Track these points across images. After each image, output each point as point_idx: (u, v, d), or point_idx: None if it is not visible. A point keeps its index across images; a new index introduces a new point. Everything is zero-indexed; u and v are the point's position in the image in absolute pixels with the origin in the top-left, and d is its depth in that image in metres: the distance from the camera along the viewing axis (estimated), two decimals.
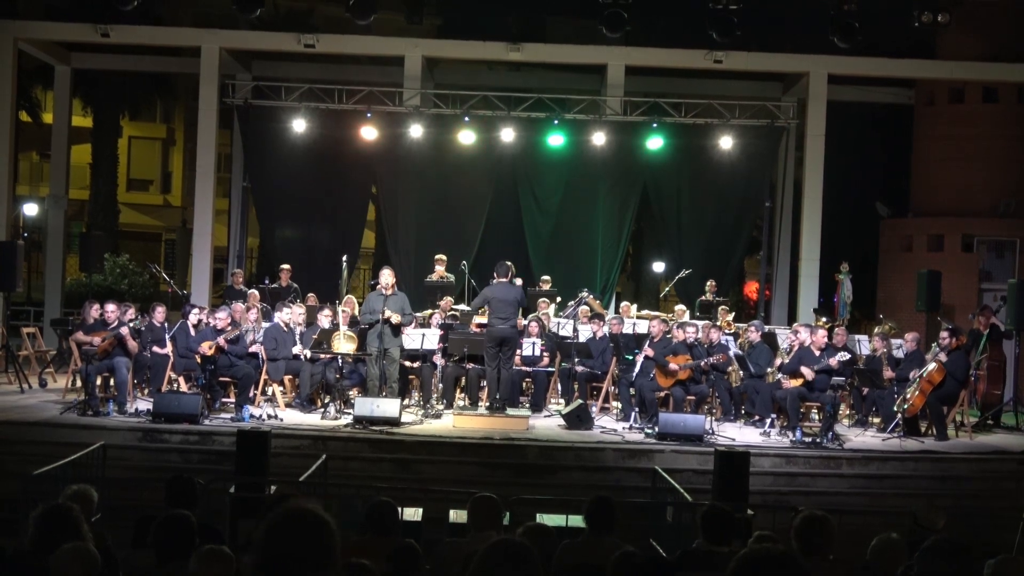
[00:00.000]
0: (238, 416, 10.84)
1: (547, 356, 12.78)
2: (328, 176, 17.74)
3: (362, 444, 10.25)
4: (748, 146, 17.39)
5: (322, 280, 16.33)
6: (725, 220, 17.88)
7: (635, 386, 11.85)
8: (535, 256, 17.69)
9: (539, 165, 17.78)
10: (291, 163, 17.56)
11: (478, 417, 11.13)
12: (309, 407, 11.72)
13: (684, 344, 11.79)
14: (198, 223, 17.64)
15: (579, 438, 10.75)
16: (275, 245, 18.31)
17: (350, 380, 11.93)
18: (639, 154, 17.56)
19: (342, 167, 17.64)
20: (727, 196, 17.81)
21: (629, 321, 13.72)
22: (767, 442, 10.83)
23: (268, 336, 12.00)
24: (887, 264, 19.25)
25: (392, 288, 11.48)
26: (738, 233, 18.13)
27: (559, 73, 19.59)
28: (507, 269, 11.56)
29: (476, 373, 11.95)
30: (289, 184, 17.85)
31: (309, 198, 17.89)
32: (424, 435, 10.50)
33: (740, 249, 18.52)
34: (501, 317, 11.14)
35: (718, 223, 17.85)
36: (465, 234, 17.75)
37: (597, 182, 17.82)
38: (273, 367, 11.85)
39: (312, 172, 17.72)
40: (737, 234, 18.11)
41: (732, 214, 17.92)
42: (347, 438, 10.36)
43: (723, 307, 14.84)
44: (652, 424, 10.98)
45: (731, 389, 12.27)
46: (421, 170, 17.71)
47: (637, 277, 25.51)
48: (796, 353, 11.64)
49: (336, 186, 17.79)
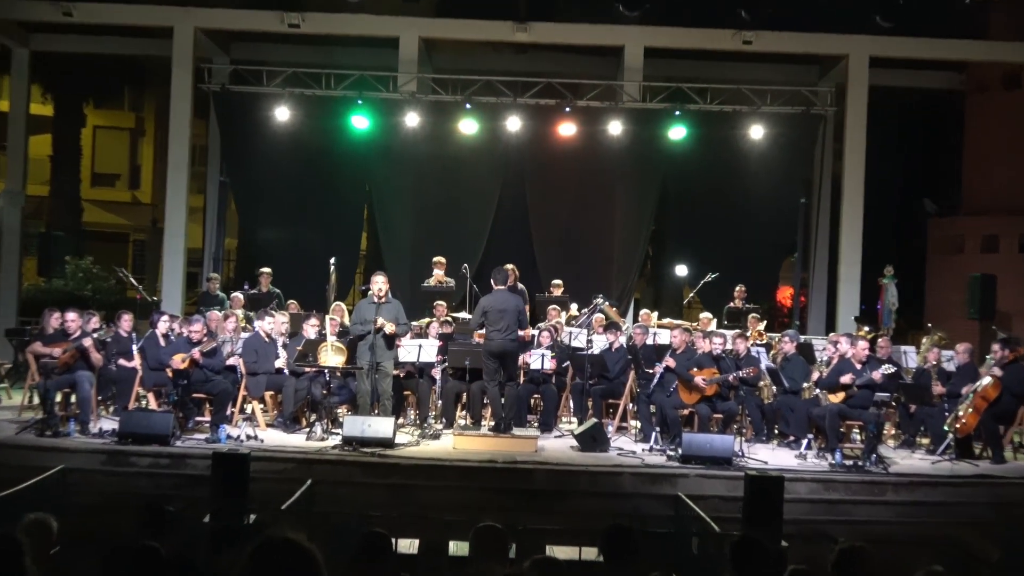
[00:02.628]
0: (214, 437, 10.82)
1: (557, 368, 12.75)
2: (315, 170, 17.81)
3: (352, 468, 10.23)
4: (781, 136, 17.40)
5: (310, 286, 16.35)
6: (755, 219, 17.89)
7: (656, 403, 11.83)
8: (544, 259, 17.73)
9: (549, 158, 17.82)
10: (274, 156, 17.62)
11: (481, 438, 11.11)
12: (293, 427, 11.71)
13: (710, 356, 11.76)
14: (170, 222, 17.68)
15: (593, 461, 10.71)
16: (256, 247, 18.34)
17: (339, 397, 11.91)
18: (660, 145, 17.58)
19: (330, 160, 17.70)
20: (758, 192, 17.82)
21: (651, 330, 13.68)
22: (803, 465, 10.78)
23: (248, 348, 12.00)
24: (936, 267, 19.23)
25: (385, 295, 11.47)
26: (770, 233, 18.15)
27: (571, 55, 19.62)
28: (506, 275, 11.55)
29: (478, 389, 11.92)
30: (271, 179, 17.91)
31: (294, 194, 17.95)
32: (421, 458, 10.48)
33: (772, 251, 18.54)
34: (498, 329, 11.14)
35: (748, 222, 17.86)
36: (467, 235, 17.79)
37: (613, 177, 17.84)
38: (253, 382, 11.84)
39: (297, 166, 17.79)
40: (769, 234, 18.13)
41: (763, 212, 17.93)
42: (335, 461, 10.33)
43: (753, 315, 14.82)
44: (675, 445, 10.96)
45: (763, 406, 12.24)
46: (418, 163, 17.75)
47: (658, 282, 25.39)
48: (835, 366, 11.60)
49: (324, 181, 17.85)
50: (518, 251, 17.45)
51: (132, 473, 10.18)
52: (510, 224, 18.03)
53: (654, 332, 13.77)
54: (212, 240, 18.75)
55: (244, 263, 19.47)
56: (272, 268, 15.66)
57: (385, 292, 11.44)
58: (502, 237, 17.91)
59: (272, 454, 10.38)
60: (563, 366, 12.87)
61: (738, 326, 14.58)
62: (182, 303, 17.54)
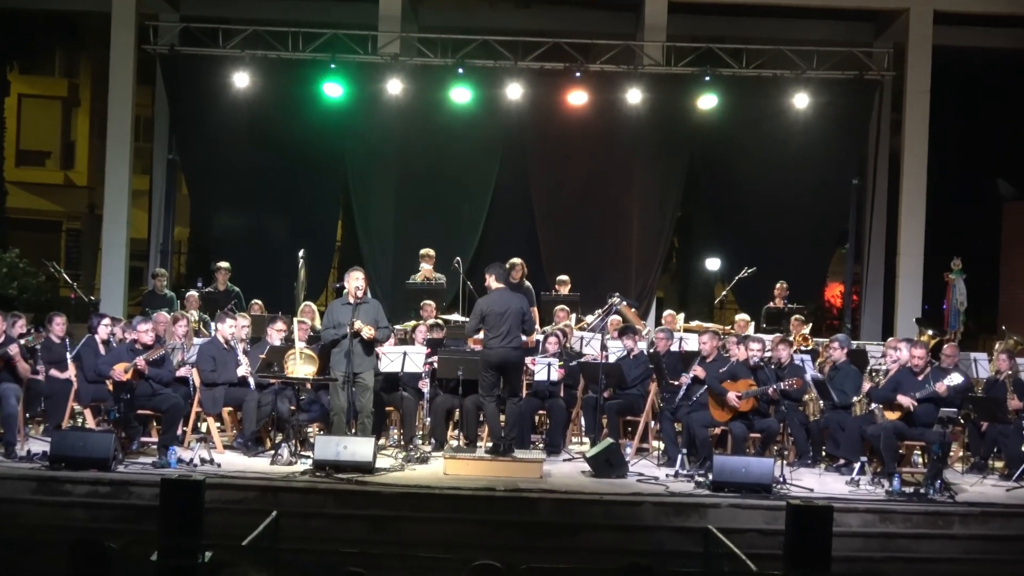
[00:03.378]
0: (162, 460, 10.82)
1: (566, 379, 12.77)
2: (281, 147, 17.83)
3: (325, 497, 10.23)
4: (830, 106, 17.41)
5: (275, 283, 16.36)
6: (800, 204, 17.91)
7: (682, 420, 11.80)
8: (550, 252, 17.76)
9: (555, 132, 17.83)
10: (232, 130, 17.63)
11: (477, 461, 11.09)
12: (255, 448, 11.71)
13: (746, 366, 11.75)
14: (110, 208, 17.69)
15: (609, 488, 10.71)
16: (211, 237, 18.34)
17: (309, 413, 11.91)
18: (687, 117, 17.59)
19: (299, 135, 17.71)
20: (802, 172, 17.84)
21: (676, 335, 13.69)
22: (855, 493, 10.78)
23: (202, 356, 12.00)
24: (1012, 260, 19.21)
25: (363, 294, 11.47)
26: (817, 221, 18.15)
27: (581, 11, 19.63)
28: (504, 271, 11.54)
29: (473, 404, 11.91)
30: (229, 157, 17.93)
31: (256, 176, 17.97)
32: (406, 485, 10.47)
33: (819, 241, 18.54)
34: (498, 335, 11.14)
35: (790, 207, 17.87)
36: (460, 223, 17.80)
37: (632, 154, 17.85)
38: (208, 396, 11.85)
39: (259, 142, 17.81)
40: (816, 222, 18.14)
41: (809, 196, 17.95)
42: (305, 489, 10.33)
43: (797, 317, 14.82)
44: (704, 470, 10.95)
45: (808, 424, 12.23)
46: (402, 139, 17.76)
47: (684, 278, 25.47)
48: (893, 377, 11.59)
49: (291, 160, 17.87)
50: (520, 242, 17.43)
51: (66, 504, 10.18)
52: (510, 210, 18.04)
53: (680, 337, 13.75)
54: (159, 229, 18.75)
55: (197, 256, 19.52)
56: (230, 262, 15.65)
57: (363, 290, 11.44)
58: (501, 226, 17.92)
59: (231, 481, 10.38)
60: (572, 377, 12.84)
61: (779, 330, 14.56)
62: (124, 303, 17.54)
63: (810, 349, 13.84)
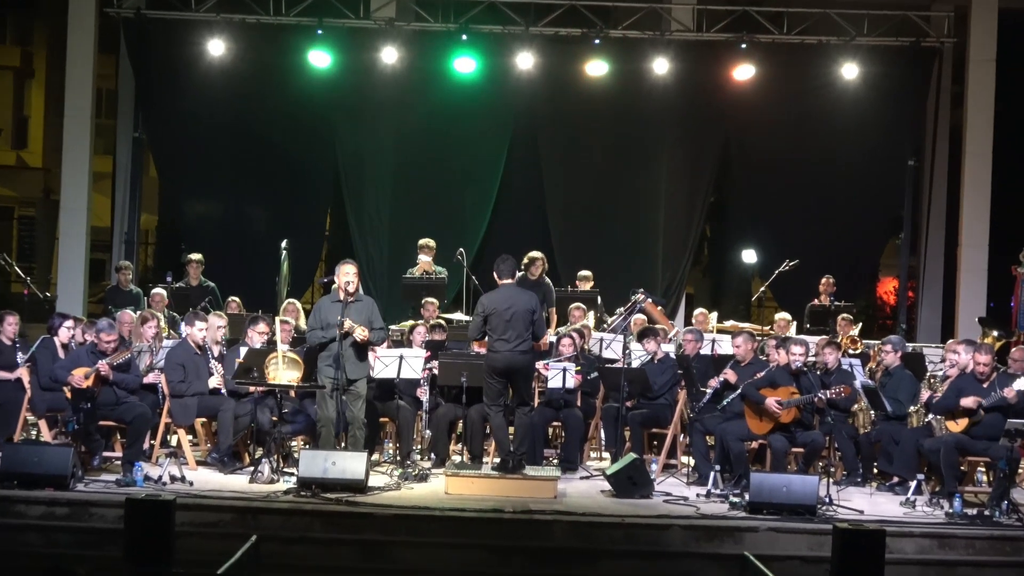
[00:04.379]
0: (127, 478, 10.80)
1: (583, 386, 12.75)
2: (261, 124, 17.85)
3: (311, 519, 10.22)
4: (882, 77, 17.39)
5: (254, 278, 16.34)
6: (848, 188, 17.90)
7: (715, 433, 11.77)
8: (564, 242, 17.79)
9: (571, 107, 17.83)
10: (206, 104, 17.64)
11: (483, 479, 11.07)
12: (232, 464, 11.69)
13: (787, 371, 11.71)
14: (67, 193, 17.70)
15: (632, 510, 10.67)
16: (183, 226, 18.33)
17: (293, 425, 11.89)
18: (720, 90, 17.59)
19: (281, 110, 17.75)
20: (851, 152, 17.82)
21: (707, 337, 13.69)
22: (911, 515, 10.75)
23: (172, 360, 11.96)
24: None
25: (355, 290, 11.46)
26: (867, 207, 18.14)
27: None
28: (511, 265, 11.49)
29: (479, 415, 11.88)
30: (203, 135, 17.95)
31: (233, 156, 17.98)
32: (403, 506, 10.45)
33: (870, 231, 18.54)
34: (504, 338, 11.12)
35: (837, 192, 17.88)
36: (464, 209, 17.81)
37: (658, 132, 17.85)
38: (179, 406, 11.83)
39: (237, 118, 17.81)
40: (866, 208, 18.13)
41: (858, 179, 17.93)
42: (289, 510, 10.31)
43: (845, 316, 14.79)
44: (740, 489, 10.93)
45: (857, 437, 12.19)
46: (398, 115, 17.76)
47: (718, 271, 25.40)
48: (953, 384, 11.54)
49: (273, 139, 17.89)
50: (531, 232, 17.45)
51: (18, 526, 10.17)
52: (520, 195, 18.08)
53: (712, 339, 13.74)
54: (124, 217, 18.70)
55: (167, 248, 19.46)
56: (204, 255, 15.66)
57: (355, 286, 11.43)
58: (509, 213, 17.94)
59: (205, 501, 10.37)
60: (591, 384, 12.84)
61: (825, 331, 14.54)
62: (84, 301, 17.55)
63: (860, 352, 13.79)
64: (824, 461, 11.75)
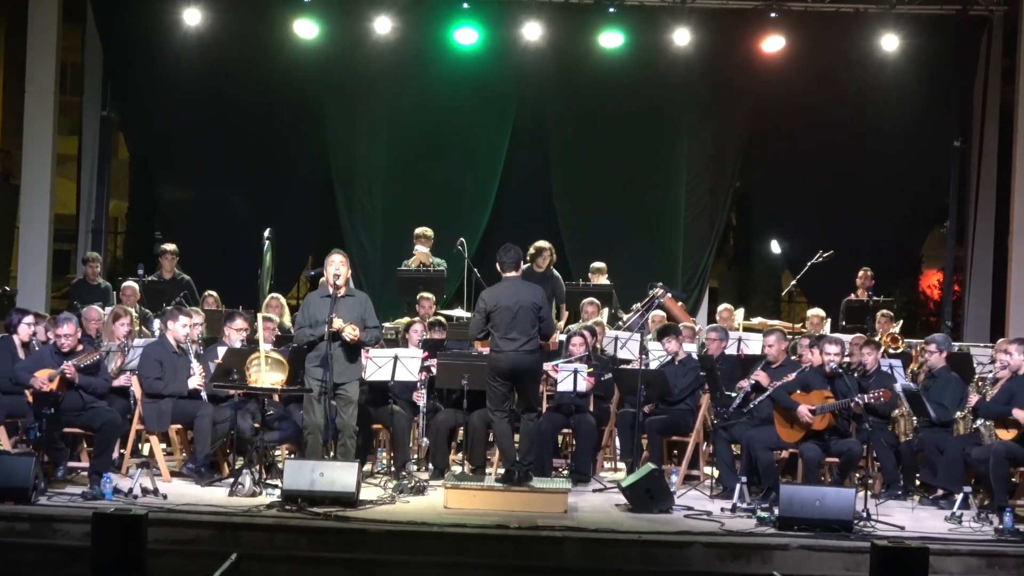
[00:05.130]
0: (95, 490, 10.77)
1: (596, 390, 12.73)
2: (242, 100, 17.84)
3: (296, 536, 10.19)
4: (925, 50, 17.38)
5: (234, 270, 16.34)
6: (888, 171, 17.88)
7: (741, 441, 11.75)
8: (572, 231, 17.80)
9: (582, 82, 17.79)
10: (182, 79, 17.62)
11: (486, 492, 11.03)
12: (210, 476, 11.66)
13: (821, 373, 11.67)
14: (29, 177, 17.67)
15: (650, 526, 10.64)
16: (156, 213, 18.30)
17: (278, 432, 11.90)
18: (747, 63, 17.57)
19: (264, 85, 17.72)
20: (890, 132, 17.79)
21: (732, 335, 13.68)
22: (956, 531, 10.71)
23: (145, 361, 11.94)
24: None
25: (345, 284, 11.45)
26: (909, 193, 18.12)
27: None
28: (515, 256, 11.41)
29: (481, 421, 11.89)
30: (179, 113, 17.93)
31: (211, 136, 17.96)
32: (398, 521, 10.42)
33: (912, 219, 18.52)
34: (508, 336, 11.08)
35: (876, 175, 17.85)
36: (465, 195, 17.78)
37: (678, 110, 17.84)
38: (152, 411, 11.79)
39: (216, 94, 17.78)
40: (908, 194, 18.10)
41: (899, 160, 17.91)
42: (272, 526, 10.28)
43: (884, 312, 14.78)
44: (769, 503, 10.90)
45: (898, 446, 12.17)
46: (393, 91, 17.73)
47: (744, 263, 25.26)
48: (1004, 387, 11.51)
49: (255, 116, 17.88)
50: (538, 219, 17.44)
51: None
52: (526, 179, 18.07)
53: (739, 337, 13.74)
54: (91, 203, 18.71)
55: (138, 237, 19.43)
56: (179, 245, 15.65)
57: (345, 279, 11.42)
58: (514, 199, 17.94)
59: (180, 516, 10.34)
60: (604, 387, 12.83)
61: (862, 329, 14.52)
62: (47, 295, 17.52)
63: (901, 352, 13.78)
64: (861, 472, 11.75)
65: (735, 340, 13.60)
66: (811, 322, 14.70)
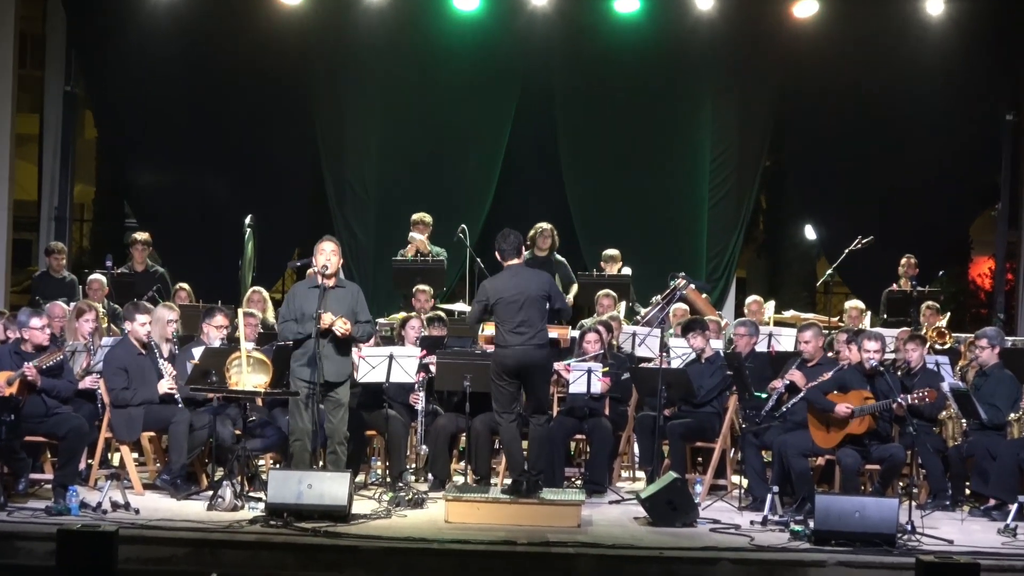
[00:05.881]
0: (60, 505, 10.77)
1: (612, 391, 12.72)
2: (219, 74, 17.83)
3: (282, 554, 10.17)
4: (973, 13, 17.35)
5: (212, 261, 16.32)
6: (932, 148, 17.87)
7: (772, 447, 11.76)
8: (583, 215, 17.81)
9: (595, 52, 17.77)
10: (154, 51, 17.61)
11: (491, 505, 11.02)
12: (186, 488, 11.65)
13: (860, 371, 11.68)
14: None
15: (672, 541, 10.62)
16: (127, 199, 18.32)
17: (261, 440, 11.90)
18: (777, 30, 17.57)
19: (245, 56, 17.67)
20: (936, 105, 17.80)
21: (762, 330, 13.68)
22: (1010, 545, 10.68)
23: (110, 366, 11.91)
24: None
25: (335, 274, 11.42)
26: (956, 171, 18.10)
27: None
28: (517, 243, 11.31)
29: (485, 426, 11.89)
30: (151, 88, 17.89)
31: (187, 114, 17.95)
32: (394, 537, 10.41)
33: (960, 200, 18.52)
34: (514, 330, 11.06)
35: (919, 153, 17.85)
36: (466, 177, 17.74)
37: (701, 81, 17.82)
38: (122, 417, 11.78)
39: (192, 67, 17.80)
40: (954, 173, 18.08)
41: (944, 136, 17.90)
42: (255, 543, 10.26)
43: (930, 304, 14.74)
44: (803, 515, 10.91)
45: (945, 451, 12.17)
46: (385, 62, 17.71)
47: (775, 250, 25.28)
48: None
49: (235, 91, 17.89)
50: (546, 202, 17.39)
51: None
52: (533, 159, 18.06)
53: (769, 332, 13.78)
54: (54, 188, 18.70)
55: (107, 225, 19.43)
56: (151, 233, 15.66)
57: (335, 270, 11.38)
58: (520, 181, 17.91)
59: (154, 532, 10.33)
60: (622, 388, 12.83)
61: (907, 322, 14.52)
62: (5, 290, 17.53)
63: (948, 348, 13.77)
64: (905, 480, 11.73)
65: (765, 336, 13.64)
66: (849, 315, 14.70)
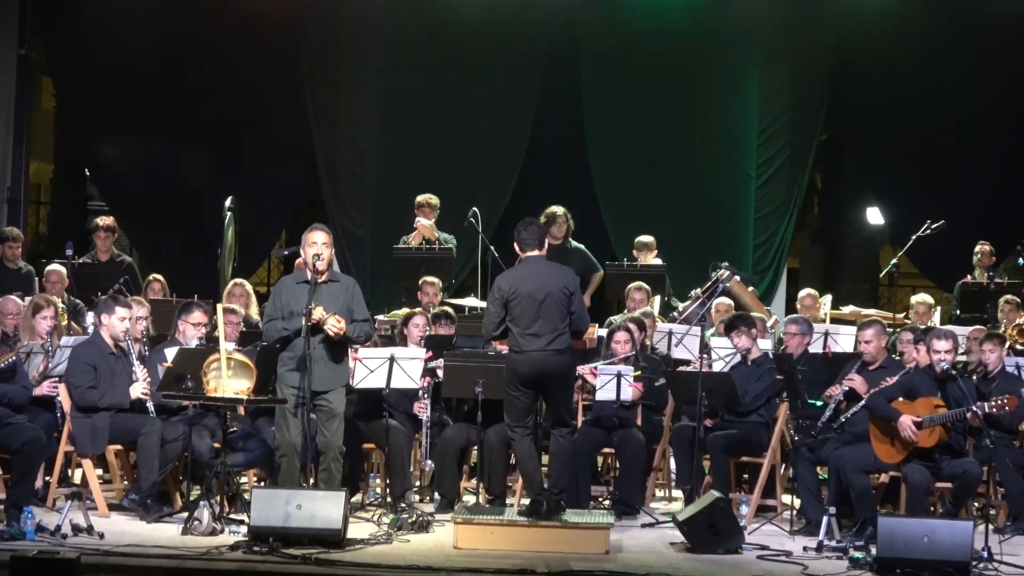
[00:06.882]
0: (13, 528, 10.76)
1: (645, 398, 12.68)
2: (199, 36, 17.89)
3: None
4: None
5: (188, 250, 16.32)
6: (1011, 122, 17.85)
7: (829, 463, 11.72)
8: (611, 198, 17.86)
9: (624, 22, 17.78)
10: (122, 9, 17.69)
11: (506, 528, 11.00)
12: (158, 509, 11.64)
13: (929, 376, 11.62)
14: None
15: (714, 569, 10.63)
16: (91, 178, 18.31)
17: (243, 454, 11.90)
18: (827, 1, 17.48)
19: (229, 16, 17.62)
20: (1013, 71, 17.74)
21: (817, 328, 13.67)
22: None
23: (76, 364, 11.92)
24: None
25: (328, 266, 11.37)
26: None
27: None
28: (539, 233, 11.29)
29: (499, 439, 11.88)
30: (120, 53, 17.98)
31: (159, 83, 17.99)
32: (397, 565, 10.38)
33: None
34: (532, 332, 11.01)
35: (996, 128, 17.85)
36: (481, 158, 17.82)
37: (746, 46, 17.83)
38: (85, 427, 11.77)
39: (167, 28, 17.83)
40: None
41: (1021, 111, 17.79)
42: (237, 571, 10.25)
43: (1009, 298, 14.73)
44: (864, 540, 10.87)
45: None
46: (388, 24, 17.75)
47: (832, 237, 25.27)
48: None
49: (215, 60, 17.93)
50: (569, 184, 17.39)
51: None
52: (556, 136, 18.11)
53: (825, 331, 13.74)
54: (6, 167, 18.72)
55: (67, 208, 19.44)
56: (118, 218, 15.75)
57: (328, 261, 11.34)
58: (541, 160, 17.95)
59: (121, 559, 10.32)
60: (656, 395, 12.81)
61: (983, 319, 14.49)
62: None
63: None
64: (981, 500, 11.67)
65: (821, 334, 13.61)
66: (916, 311, 14.65)
